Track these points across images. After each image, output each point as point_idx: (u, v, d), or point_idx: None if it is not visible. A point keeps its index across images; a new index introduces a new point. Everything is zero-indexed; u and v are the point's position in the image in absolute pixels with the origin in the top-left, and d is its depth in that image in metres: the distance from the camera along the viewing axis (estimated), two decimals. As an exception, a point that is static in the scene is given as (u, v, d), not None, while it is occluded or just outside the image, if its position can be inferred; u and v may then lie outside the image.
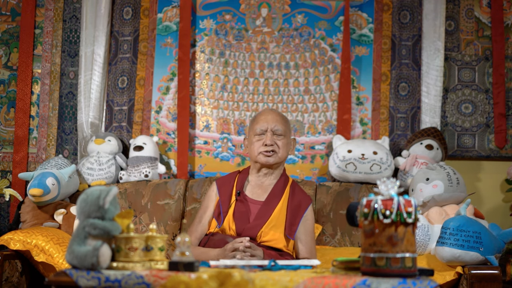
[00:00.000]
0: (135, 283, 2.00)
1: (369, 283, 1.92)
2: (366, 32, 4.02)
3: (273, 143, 3.02)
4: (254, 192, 3.07)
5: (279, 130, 3.04)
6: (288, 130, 3.10)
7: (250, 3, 4.07)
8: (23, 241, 3.15)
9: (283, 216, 3.00)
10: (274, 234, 2.95)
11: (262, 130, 3.04)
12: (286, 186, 3.09)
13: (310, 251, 3.03)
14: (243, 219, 2.97)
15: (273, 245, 2.94)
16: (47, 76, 4.04)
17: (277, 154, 3.03)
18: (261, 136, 3.04)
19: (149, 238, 2.14)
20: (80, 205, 2.11)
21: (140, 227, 3.59)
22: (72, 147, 4.01)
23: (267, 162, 3.03)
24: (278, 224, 2.97)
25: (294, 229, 2.99)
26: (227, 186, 3.09)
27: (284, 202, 3.03)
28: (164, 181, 3.71)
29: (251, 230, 2.94)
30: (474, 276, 2.79)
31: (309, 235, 3.05)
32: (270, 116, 3.07)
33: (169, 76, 4.04)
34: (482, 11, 4.00)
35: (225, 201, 3.04)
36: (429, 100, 3.91)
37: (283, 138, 3.05)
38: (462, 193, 3.34)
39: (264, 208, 3.00)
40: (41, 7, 4.07)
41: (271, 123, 3.05)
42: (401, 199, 1.97)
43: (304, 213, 3.04)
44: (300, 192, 3.11)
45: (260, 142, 3.03)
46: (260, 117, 3.09)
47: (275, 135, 3.04)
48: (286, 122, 3.11)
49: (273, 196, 3.04)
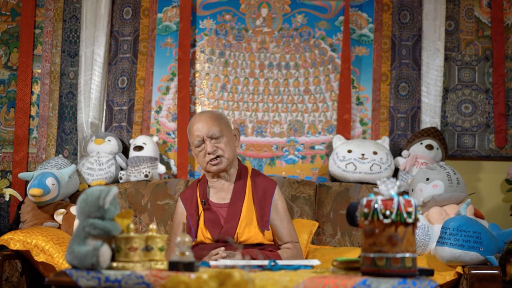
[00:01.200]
0: (135, 283, 2.00)
1: (369, 283, 1.92)
2: (366, 32, 4.02)
3: (215, 149, 2.94)
4: (218, 196, 3.02)
5: (215, 134, 2.94)
6: (225, 126, 3.00)
7: (250, 3, 4.07)
8: (23, 241, 3.15)
9: (252, 211, 2.97)
10: (249, 232, 2.92)
11: (199, 141, 2.95)
12: (246, 180, 3.03)
13: (289, 234, 3.00)
14: (215, 226, 2.94)
15: (252, 241, 2.92)
16: (47, 76, 4.04)
17: (224, 158, 2.95)
18: (202, 146, 2.96)
19: (149, 238, 2.14)
20: (80, 205, 2.11)
21: (140, 227, 3.59)
22: (72, 147, 4.01)
23: (219, 170, 2.97)
24: (250, 221, 2.94)
25: (266, 220, 2.95)
26: (191, 198, 3.04)
27: (249, 197, 2.99)
28: (164, 181, 3.71)
29: (226, 235, 2.91)
30: (474, 276, 2.79)
31: (283, 218, 3.01)
32: (201, 124, 2.96)
33: (169, 76, 4.04)
34: (482, 11, 4.00)
35: (192, 214, 2.99)
36: (429, 100, 3.91)
37: (222, 138, 2.96)
38: (462, 193, 3.33)
39: (231, 210, 2.96)
40: (41, 7, 4.07)
41: (205, 130, 2.94)
42: (401, 199, 1.97)
43: (271, 200, 2.99)
44: (262, 180, 3.05)
45: (202, 152, 2.95)
46: (193, 129, 2.98)
47: (213, 139, 2.94)
48: (220, 120, 2.99)
49: (236, 195, 2.99)
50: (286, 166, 3.95)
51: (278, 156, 3.96)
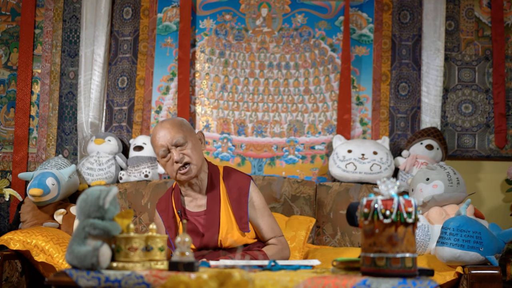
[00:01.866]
0: (135, 283, 2.00)
1: (369, 283, 1.92)
2: (366, 32, 4.02)
3: (182, 156, 2.83)
4: (194, 204, 2.94)
5: (179, 141, 2.84)
6: (189, 132, 2.90)
7: (250, 3, 4.07)
8: (23, 241, 3.15)
9: (230, 216, 2.89)
10: (232, 236, 2.85)
11: (164, 151, 2.85)
12: (218, 184, 2.94)
13: (271, 229, 2.93)
14: (196, 235, 2.87)
15: (237, 245, 2.86)
16: (47, 76, 4.04)
17: (192, 165, 2.85)
18: (168, 156, 2.86)
19: (149, 238, 2.14)
20: (80, 205, 2.11)
21: (140, 227, 3.59)
22: (72, 147, 4.01)
23: (189, 178, 2.86)
24: (231, 225, 2.88)
25: (245, 221, 2.88)
26: (167, 210, 2.96)
27: (224, 201, 2.91)
28: (164, 181, 3.71)
29: (209, 242, 2.85)
30: (474, 276, 2.79)
31: (263, 214, 2.93)
32: (163, 132, 2.86)
33: (169, 76, 4.04)
34: (482, 11, 4.00)
35: (170, 226, 2.93)
36: (429, 100, 3.91)
37: (187, 144, 2.85)
38: (462, 193, 3.33)
39: (209, 218, 2.88)
40: (41, 7, 4.07)
41: (168, 139, 2.84)
42: (401, 199, 1.97)
43: (247, 199, 2.91)
44: (235, 179, 2.95)
45: (169, 162, 2.85)
46: (155, 139, 2.88)
47: (178, 147, 2.84)
48: (182, 127, 2.89)
49: (211, 202, 2.91)
50: (286, 166, 3.95)
51: (278, 156, 3.96)
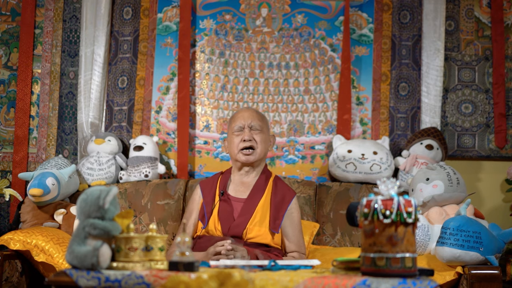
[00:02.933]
0: (135, 283, 2.00)
1: (369, 283, 1.92)
2: (366, 32, 4.02)
3: (251, 138, 3.05)
4: (237, 190, 3.09)
5: (256, 126, 3.08)
6: (266, 126, 3.14)
7: (250, 3, 4.07)
8: (23, 241, 3.15)
9: (266, 211, 3.01)
10: (259, 230, 2.96)
11: (240, 127, 3.08)
12: (268, 182, 3.10)
13: (297, 244, 3.04)
14: (228, 218, 2.99)
15: (260, 241, 2.95)
16: (47, 76, 4.04)
17: (256, 151, 3.06)
18: (239, 132, 3.08)
19: (149, 238, 2.14)
20: (80, 205, 2.11)
21: (140, 227, 3.59)
22: (72, 147, 4.01)
23: (247, 160, 3.06)
24: (262, 219, 2.99)
25: (278, 223, 3.00)
26: (210, 188, 3.12)
27: (266, 197, 3.05)
28: (164, 181, 3.71)
29: (236, 229, 2.95)
30: (474, 276, 2.79)
31: (295, 228, 3.06)
32: (247, 113, 3.11)
33: (169, 76, 4.04)
34: (482, 11, 4.00)
35: (208, 202, 3.06)
36: (429, 100, 3.91)
37: (260, 133, 3.08)
38: (462, 193, 3.33)
39: (247, 205, 3.02)
40: (41, 7, 4.07)
41: (248, 120, 3.08)
42: (401, 199, 1.97)
43: (288, 207, 3.05)
44: (283, 187, 3.12)
45: (238, 138, 3.06)
46: (237, 115, 3.13)
47: (252, 130, 3.07)
48: (263, 119, 3.15)
49: (255, 192, 3.06)
50: (286, 166, 3.95)
51: (278, 156, 3.97)
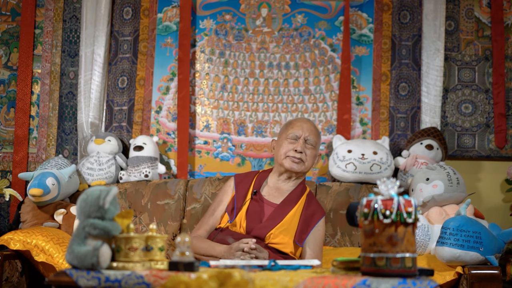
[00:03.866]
0: (135, 283, 2.00)
1: (369, 283, 1.92)
2: (366, 32, 4.02)
3: (303, 151, 3.06)
4: (271, 194, 3.09)
5: (311, 140, 3.09)
6: (319, 143, 3.16)
7: (250, 3, 4.07)
8: (23, 241, 3.15)
9: (295, 222, 3.02)
10: (283, 238, 2.96)
11: (296, 135, 3.09)
12: (303, 194, 3.12)
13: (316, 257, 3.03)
14: (255, 219, 2.99)
15: (281, 248, 2.96)
16: (47, 76, 4.04)
17: (303, 163, 3.08)
18: (293, 141, 3.08)
19: (149, 238, 2.14)
20: (80, 205, 2.11)
21: (140, 227, 3.59)
22: (72, 147, 4.01)
23: (292, 168, 3.07)
24: (289, 229, 2.99)
25: (304, 237, 3.01)
26: (245, 183, 3.12)
27: (298, 208, 3.06)
28: (164, 181, 3.71)
29: (261, 230, 2.96)
30: (474, 276, 2.79)
31: (317, 245, 3.06)
32: (306, 125, 3.12)
33: (169, 76, 4.04)
34: (482, 11, 4.00)
35: (240, 197, 3.07)
36: (429, 100, 3.91)
37: (313, 149, 3.10)
38: (462, 193, 3.33)
39: (277, 211, 3.02)
40: (41, 7, 4.07)
41: (306, 132, 3.09)
42: (401, 199, 1.97)
43: (316, 224, 3.07)
44: (315, 203, 3.14)
45: (290, 146, 3.07)
46: (297, 123, 3.13)
47: (306, 143, 3.08)
48: (319, 136, 3.17)
49: (289, 201, 3.06)
50: (286, 166, 3.95)
51: (278, 156, 3.96)
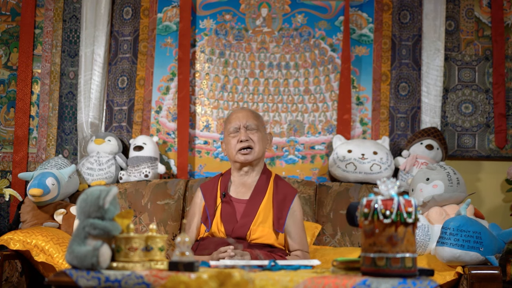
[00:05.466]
0: (135, 283, 2.00)
1: (369, 283, 1.92)
2: (366, 32, 4.02)
3: (248, 138, 3.04)
4: (239, 191, 3.08)
5: (252, 125, 3.07)
6: (262, 125, 3.14)
7: (250, 3, 4.07)
8: (23, 241, 3.15)
9: (269, 211, 3.01)
10: (263, 230, 2.96)
11: (235, 128, 3.07)
12: (269, 181, 3.10)
13: (300, 242, 3.04)
14: (231, 220, 2.98)
15: (264, 241, 2.95)
16: (47, 76, 4.04)
17: (254, 150, 3.05)
18: (235, 134, 3.07)
19: (149, 238, 2.14)
20: (80, 205, 2.11)
21: (140, 227, 3.59)
22: (72, 147, 4.01)
23: (246, 160, 3.05)
24: (265, 219, 2.98)
25: (282, 223, 2.99)
26: (211, 190, 3.11)
27: (269, 197, 3.04)
28: (164, 181, 3.71)
29: (240, 230, 2.95)
30: (474, 276, 2.79)
31: (298, 226, 3.05)
32: (242, 113, 3.11)
33: (169, 76, 4.04)
34: (482, 11, 4.00)
35: (211, 204, 3.05)
36: (429, 100, 3.91)
37: (257, 132, 3.07)
38: (462, 193, 3.33)
39: (249, 206, 3.01)
40: (41, 7, 4.07)
41: (243, 120, 3.08)
42: (401, 199, 1.97)
43: (290, 205, 3.04)
44: (284, 186, 3.11)
45: (235, 139, 3.06)
46: (232, 117, 3.12)
47: (248, 130, 3.07)
48: (259, 118, 3.15)
49: (257, 192, 3.05)
50: (286, 166, 3.95)
51: (278, 156, 3.97)
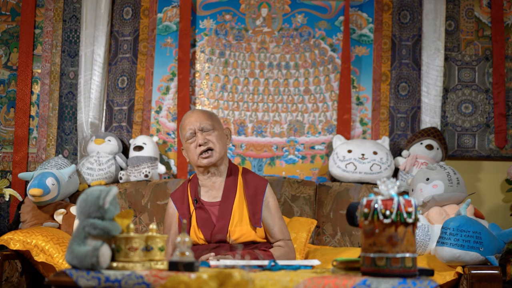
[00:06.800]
0: (135, 283, 2.00)
1: (369, 283, 1.92)
2: (366, 32, 4.02)
3: (206, 141, 2.97)
4: (209, 194, 3.03)
5: (207, 126, 3.00)
6: (217, 123, 3.06)
7: (250, 3, 4.07)
8: (23, 241, 3.15)
9: (243, 208, 2.97)
10: (241, 229, 2.93)
11: (191, 133, 3.00)
12: (237, 178, 3.05)
13: (280, 231, 3.00)
14: (207, 225, 2.94)
15: (245, 239, 2.92)
16: (47, 76, 4.04)
17: (214, 151, 2.98)
18: (193, 139, 3.00)
19: (149, 238, 2.14)
20: (80, 205, 2.11)
21: (140, 227, 3.59)
22: (72, 147, 4.01)
23: (210, 162, 2.98)
24: (241, 217, 2.95)
25: (258, 217, 2.96)
26: (182, 198, 3.05)
27: (240, 194, 3.00)
28: (164, 181, 3.71)
29: (219, 234, 2.92)
30: (474, 276, 2.79)
31: (275, 215, 3.02)
32: (193, 117, 3.03)
33: (169, 76, 4.04)
34: (482, 11, 4.00)
35: (184, 213, 3.00)
36: (429, 100, 3.91)
37: (213, 131, 3.00)
38: (462, 193, 3.34)
39: (223, 208, 2.97)
40: (41, 7, 4.07)
41: (196, 123, 3.00)
42: (401, 199, 1.97)
43: (263, 198, 3.00)
44: (253, 178, 3.06)
45: (193, 144, 2.99)
46: (185, 122, 3.04)
47: (204, 132, 2.99)
48: (212, 116, 3.06)
49: (227, 192, 3.00)
50: (286, 166, 3.95)
51: (278, 156, 3.97)
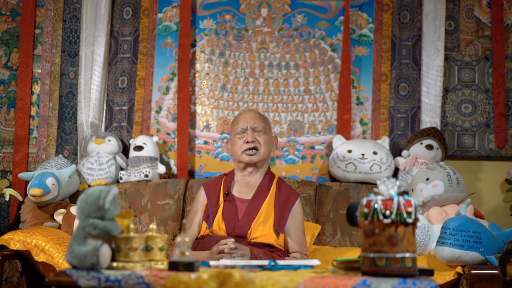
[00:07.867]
0: (135, 283, 2.00)
1: (369, 283, 1.92)
2: (366, 32, 4.02)
3: (254, 140, 3.08)
4: (241, 191, 3.12)
5: (259, 127, 3.11)
6: (268, 127, 3.17)
7: (250, 3, 4.07)
8: (23, 241, 3.15)
9: (270, 211, 3.04)
10: (263, 230, 2.98)
11: (242, 129, 3.11)
12: (272, 183, 3.13)
13: (300, 245, 3.06)
14: (232, 219, 3.01)
15: (264, 240, 2.97)
16: (47, 76, 4.04)
17: (259, 152, 3.09)
18: (242, 134, 3.10)
19: (149, 238, 2.14)
20: (80, 205, 2.11)
21: (140, 227, 3.59)
22: (72, 147, 4.01)
23: (251, 160, 3.08)
24: (266, 219, 3.01)
25: (282, 224, 3.02)
26: (215, 189, 3.14)
27: (271, 198, 3.07)
28: (164, 181, 3.71)
29: (241, 229, 2.98)
30: (474, 276, 2.79)
31: (298, 228, 3.08)
32: (249, 115, 3.14)
33: (169, 76, 4.04)
34: (482, 11, 4.00)
35: (213, 203, 3.08)
36: (429, 100, 3.91)
37: (263, 134, 3.11)
38: (462, 193, 3.34)
39: (251, 206, 3.04)
40: (41, 7, 4.07)
41: (251, 121, 3.11)
42: (401, 199, 1.97)
43: (292, 208, 3.07)
44: (286, 188, 3.15)
45: (241, 140, 3.09)
46: (240, 117, 3.15)
47: (255, 132, 3.10)
48: (265, 120, 3.18)
49: (260, 193, 3.08)
50: (286, 166, 3.95)
51: (278, 156, 3.97)
